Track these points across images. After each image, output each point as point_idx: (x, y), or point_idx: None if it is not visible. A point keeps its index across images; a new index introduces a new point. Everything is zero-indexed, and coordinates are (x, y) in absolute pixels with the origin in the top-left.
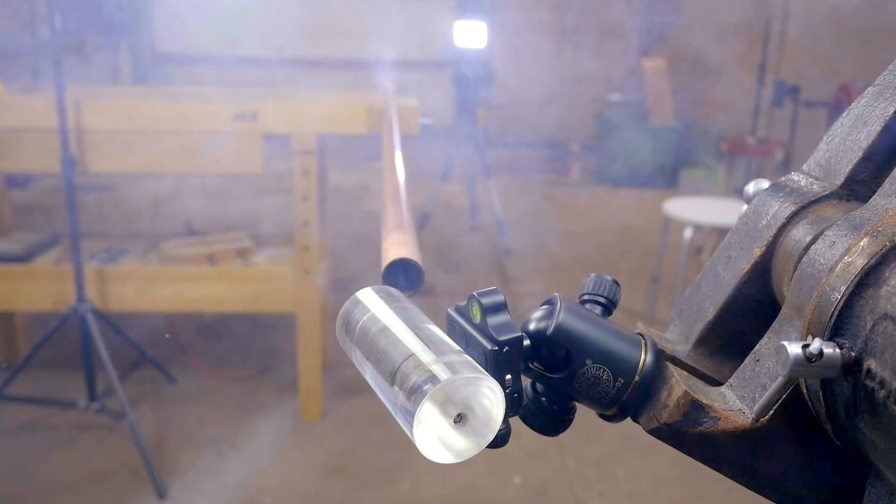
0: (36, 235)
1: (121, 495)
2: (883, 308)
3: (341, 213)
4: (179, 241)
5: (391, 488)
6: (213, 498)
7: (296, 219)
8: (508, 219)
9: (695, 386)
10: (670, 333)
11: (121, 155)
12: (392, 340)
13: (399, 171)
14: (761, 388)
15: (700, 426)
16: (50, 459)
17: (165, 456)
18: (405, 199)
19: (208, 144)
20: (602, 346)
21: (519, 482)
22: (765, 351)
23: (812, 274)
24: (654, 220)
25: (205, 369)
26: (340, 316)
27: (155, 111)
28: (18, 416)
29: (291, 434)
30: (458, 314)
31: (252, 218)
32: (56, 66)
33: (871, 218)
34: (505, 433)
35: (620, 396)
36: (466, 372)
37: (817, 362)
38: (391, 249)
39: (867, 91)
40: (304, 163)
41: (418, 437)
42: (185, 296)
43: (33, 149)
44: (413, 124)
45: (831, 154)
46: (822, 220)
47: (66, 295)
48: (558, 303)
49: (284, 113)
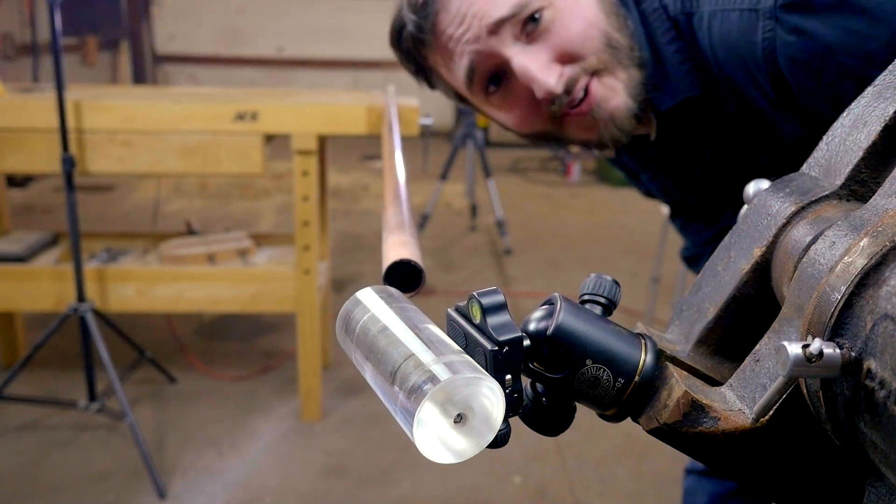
0: (36, 235)
1: (121, 495)
2: (883, 308)
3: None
4: (179, 241)
5: (391, 488)
6: (213, 498)
7: (296, 219)
8: (508, 219)
9: (695, 386)
10: (670, 333)
11: (121, 155)
12: (392, 340)
13: (399, 171)
14: (761, 388)
15: (700, 426)
16: (50, 459)
17: (165, 456)
18: (406, 200)
19: (209, 145)
20: (602, 346)
21: (519, 482)
22: (765, 351)
23: (812, 274)
24: (654, 220)
25: (205, 369)
26: (340, 316)
27: (155, 111)
28: (18, 416)
29: (291, 434)
30: (458, 314)
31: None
32: (56, 66)
33: (871, 218)
34: (505, 433)
35: (620, 396)
36: (466, 372)
37: (817, 362)
38: (392, 250)
39: (867, 91)
40: (304, 163)
41: (418, 437)
42: (185, 296)
43: (33, 149)
44: (413, 124)
45: (831, 154)
46: (822, 221)
47: (66, 295)
48: (558, 303)
49: (285, 113)
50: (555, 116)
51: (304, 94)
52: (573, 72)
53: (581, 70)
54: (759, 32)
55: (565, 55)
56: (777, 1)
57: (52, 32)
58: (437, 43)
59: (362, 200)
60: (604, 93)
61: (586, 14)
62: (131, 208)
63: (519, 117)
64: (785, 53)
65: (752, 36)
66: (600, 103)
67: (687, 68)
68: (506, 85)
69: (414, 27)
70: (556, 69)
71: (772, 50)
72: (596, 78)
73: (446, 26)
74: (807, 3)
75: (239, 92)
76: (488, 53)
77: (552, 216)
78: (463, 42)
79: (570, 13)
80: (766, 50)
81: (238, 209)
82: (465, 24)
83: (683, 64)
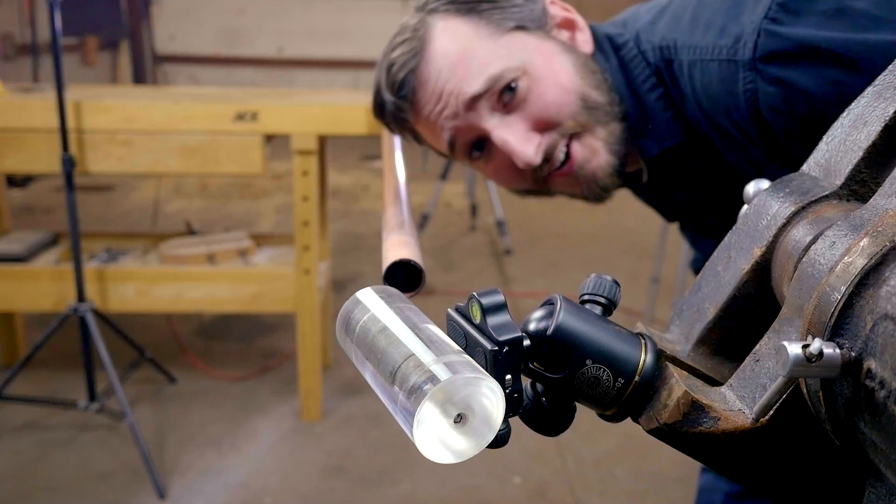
0: (36, 235)
1: (121, 495)
2: (883, 308)
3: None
4: (179, 241)
5: (391, 488)
6: (213, 498)
7: (295, 219)
8: (508, 219)
9: (695, 386)
10: (670, 333)
11: (121, 155)
12: (392, 340)
13: (399, 171)
14: (761, 388)
15: (700, 426)
16: (50, 459)
17: (165, 456)
18: (406, 200)
19: (208, 145)
20: (602, 346)
21: (519, 482)
22: (765, 351)
23: (812, 274)
24: (654, 220)
25: (205, 369)
26: (340, 316)
27: (155, 111)
28: (18, 416)
29: (291, 434)
30: (458, 314)
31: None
32: (56, 66)
33: (871, 218)
34: (505, 433)
35: (620, 397)
36: (466, 372)
37: (817, 362)
38: (392, 250)
39: (867, 91)
40: (304, 163)
41: (418, 437)
42: (185, 296)
43: (33, 149)
44: None
45: (831, 154)
46: (822, 221)
47: (66, 295)
48: (558, 303)
49: (285, 113)
50: (539, 178)
51: (304, 94)
52: (551, 139)
53: (559, 136)
54: (741, 84)
55: (542, 123)
56: (755, 52)
57: (52, 32)
58: (418, 118)
59: (362, 200)
60: (585, 154)
61: (560, 79)
62: (131, 208)
63: (506, 179)
64: (768, 104)
65: (734, 87)
66: (582, 165)
67: (670, 115)
68: (489, 150)
69: (393, 107)
70: (534, 139)
71: (755, 100)
72: (576, 140)
73: (424, 104)
74: (784, 54)
75: (239, 92)
76: (468, 127)
77: (552, 216)
78: (442, 118)
79: (544, 81)
80: (749, 101)
81: (238, 209)
82: (443, 101)
83: (666, 111)
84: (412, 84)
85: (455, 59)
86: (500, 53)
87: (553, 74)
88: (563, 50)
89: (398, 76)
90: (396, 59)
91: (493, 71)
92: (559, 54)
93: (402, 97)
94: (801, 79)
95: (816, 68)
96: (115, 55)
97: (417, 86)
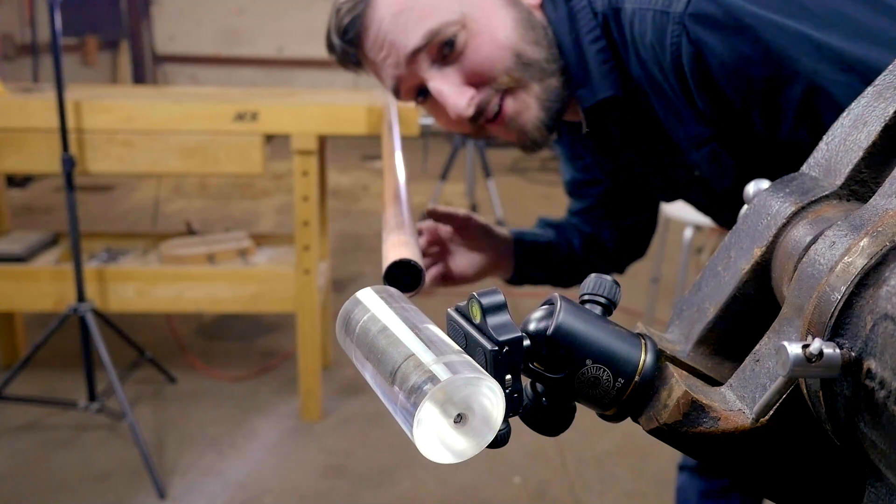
0: (36, 235)
1: (121, 495)
2: (883, 308)
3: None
4: (179, 241)
5: (391, 488)
6: (213, 498)
7: (295, 219)
8: (508, 219)
9: (695, 386)
10: (670, 333)
11: (121, 155)
12: (392, 340)
13: (399, 171)
14: (761, 388)
15: (700, 426)
16: (50, 459)
17: (165, 456)
18: (406, 200)
19: (208, 145)
20: (602, 346)
21: (519, 482)
22: (765, 351)
23: (812, 274)
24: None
25: (205, 369)
26: (340, 316)
27: (155, 111)
28: (18, 416)
29: (291, 434)
30: (458, 314)
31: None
32: (56, 66)
33: (871, 218)
34: (505, 433)
35: (620, 396)
36: (466, 372)
37: (817, 362)
38: (392, 250)
39: (867, 91)
40: (304, 163)
41: (418, 437)
42: (185, 296)
43: (33, 149)
44: (413, 124)
45: (831, 154)
46: (822, 221)
47: (66, 295)
48: (558, 303)
49: (285, 113)
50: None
51: (304, 94)
52: (485, 94)
53: (493, 91)
54: (668, 36)
55: (477, 77)
56: (687, 9)
57: (52, 32)
58: (366, 59)
59: (362, 200)
60: (516, 108)
61: (497, 35)
62: (131, 208)
63: (447, 123)
64: (687, 61)
65: (663, 38)
66: (514, 117)
67: (608, 68)
68: (431, 96)
69: (341, 49)
70: (468, 92)
71: (679, 55)
72: (509, 96)
73: (369, 49)
74: (711, 18)
75: (239, 92)
76: (409, 76)
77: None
78: (386, 65)
79: (481, 36)
80: (674, 55)
81: (238, 209)
82: (385, 50)
83: (605, 63)
84: (357, 28)
85: (397, 9)
86: (441, 4)
87: (490, 30)
88: (505, 3)
89: (344, 20)
90: (344, 3)
91: (432, 25)
92: (500, 8)
93: (348, 41)
94: (718, 47)
95: (733, 39)
96: (115, 55)
97: (362, 30)
